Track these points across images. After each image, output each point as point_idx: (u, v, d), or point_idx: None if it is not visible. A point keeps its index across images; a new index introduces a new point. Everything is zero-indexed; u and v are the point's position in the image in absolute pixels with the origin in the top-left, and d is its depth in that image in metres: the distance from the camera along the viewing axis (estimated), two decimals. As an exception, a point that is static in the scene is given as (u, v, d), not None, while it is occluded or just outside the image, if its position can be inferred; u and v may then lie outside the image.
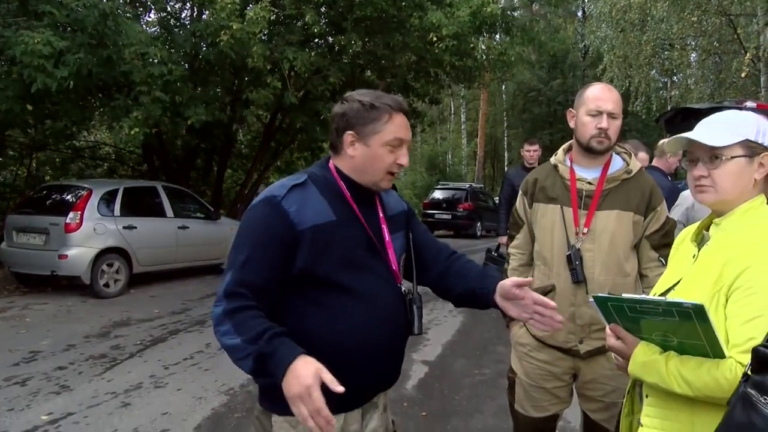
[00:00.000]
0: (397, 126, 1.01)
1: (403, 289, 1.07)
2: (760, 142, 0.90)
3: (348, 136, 1.02)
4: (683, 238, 1.02)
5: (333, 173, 1.04)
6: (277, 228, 0.96)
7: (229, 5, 5.46)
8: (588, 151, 1.48)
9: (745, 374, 0.72)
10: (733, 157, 0.90)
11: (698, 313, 0.78)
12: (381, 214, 1.07)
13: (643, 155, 2.82)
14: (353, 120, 1.01)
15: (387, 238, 1.06)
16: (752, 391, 0.68)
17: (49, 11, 4.70)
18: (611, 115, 1.45)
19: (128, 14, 5.09)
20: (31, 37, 4.43)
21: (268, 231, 0.96)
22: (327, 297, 0.99)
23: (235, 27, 5.42)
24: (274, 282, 0.96)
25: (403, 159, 1.03)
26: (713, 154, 0.90)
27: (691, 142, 0.92)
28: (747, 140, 0.90)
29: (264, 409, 1.04)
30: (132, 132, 5.40)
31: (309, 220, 0.97)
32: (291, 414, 0.96)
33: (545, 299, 1.05)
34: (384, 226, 1.06)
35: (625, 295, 0.86)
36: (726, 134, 0.90)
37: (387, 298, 1.04)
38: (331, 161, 1.06)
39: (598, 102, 1.46)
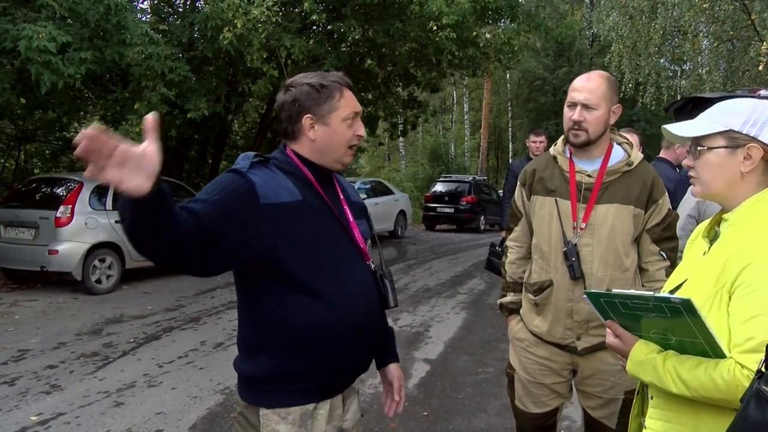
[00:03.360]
0: (349, 100, 1.04)
1: (372, 266, 1.08)
2: (745, 132, 0.85)
3: (306, 120, 1.02)
4: (696, 235, 0.98)
5: (293, 158, 1.04)
6: (240, 194, 0.94)
7: (236, 1, 5.28)
8: (569, 143, 1.47)
9: (758, 371, 0.69)
10: (710, 148, 0.87)
11: (687, 308, 0.75)
12: (342, 197, 1.09)
13: (634, 137, 2.73)
14: (307, 103, 1.02)
15: (351, 220, 1.07)
16: (767, 389, 0.66)
17: (48, 3, 4.53)
18: (586, 107, 1.40)
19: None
20: (35, 31, 4.29)
21: (232, 194, 0.94)
22: (303, 279, 0.98)
23: (239, 25, 5.25)
24: (215, 228, 0.88)
25: (360, 130, 1.06)
26: (696, 145, 0.89)
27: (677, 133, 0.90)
28: (730, 131, 0.85)
29: (248, 403, 1.02)
30: (139, 129, 5.28)
31: (274, 197, 0.96)
32: (281, 406, 0.99)
33: (401, 395, 1.17)
34: (346, 208, 1.08)
35: (615, 291, 0.84)
36: (705, 124, 0.87)
37: (360, 276, 1.04)
38: (287, 148, 1.06)
39: (572, 93, 1.43)
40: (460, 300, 5.13)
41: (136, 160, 0.75)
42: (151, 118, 0.77)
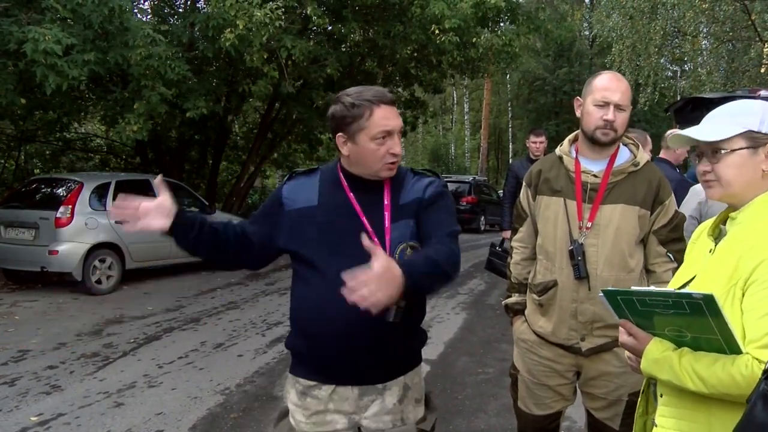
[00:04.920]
0: (379, 119, 1.06)
1: None
2: (765, 132, 0.87)
3: (339, 138, 1.10)
4: (700, 233, 0.99)
5: (337, 167, 1.16)
6: (274, 202, 1.20)
7: (238, 2, 5.26)
8: (593, 142, 1.45)
9: (765, 371, 0.70)
10: (733, 150, 0.88)
11: (709, 303, 0.75)
12: (386, 202, 1.11)
13: (645, 138, 2.70)
14: (339, 121, 1.09)
15: (386, 225, 1.10)
16: None
17: (52, 6, 4.54)
18: (618, 107, 1.40)
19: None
20: (41, 33, 4.30)
21: (270, 201, 1.22)
22: (305, 273, 1.11)
23: (241, 26, 5.24)
24: (257, 235, 1.18)
25: (396, 148, 1.08)
26: (714, 148, 0.89)
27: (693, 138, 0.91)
28: (749, 131, 0.87)
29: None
30: (136, 127, 5.26)
31: (295, 203, 1.15)
32: (293, 373, 1.19)
33: None
34: (386, 213, 1.10)
35: (634, 288, 0.84)
36: (725, 127, 0.88)
37: None
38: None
39: (605, 92, 1.41)
40: (461, 300, 5.13)
41: (155, 208, 1.07)
42: (159, 179, 1.11)
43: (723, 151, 0.88)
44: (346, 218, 1.09)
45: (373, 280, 0.88)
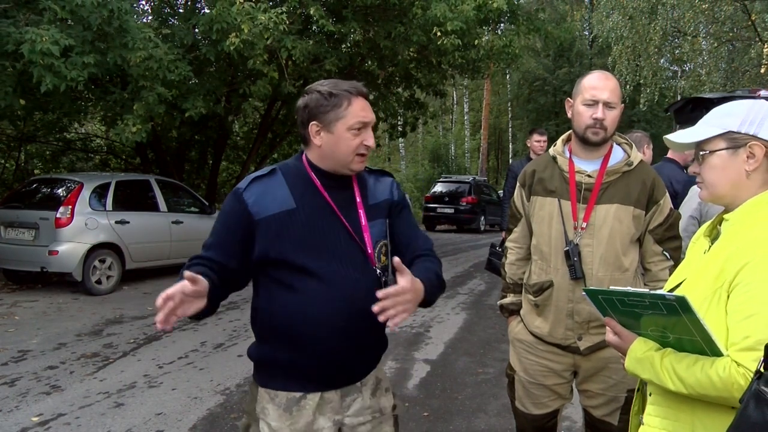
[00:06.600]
0: (357, 109, 1.05)
1: (378, 271, 1.08)
2: (744, 131, 0.86)
3: (312, 126, 1.06)
4: (699, 234, 0.99)
5: (304, 163, 1.10)
6: (237, 216, 1.08)
7: (245, 5, 5.26)
8: (584, 142, 1.46)
9: (757, 371, 0.70)
10: (712, 152, 0.88)
11: (682, 305, 0.76)
12: (359, 200, 1.11)
13: (648, 152, 2.66)
14: (315, 110, 1.06)
15: (363, 223, 1.09)
16: (766, 389, 0.66)
17: (50, 7, 4.55)
18: (607, 105, 1.41)
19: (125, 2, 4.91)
20: (38, 34, 4.31)
21: (230, 218, 1.09)
22: (289, 279, 1.05)
23: (245, 30, 5.24)
24: (234, 262, 1.08)
25: (369, 140, 1.07)
26: (699, 151, 0.90)
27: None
28: (729, 132, 0.87)
29: (253, 379, 1.16)
30: (135, 128, 5.26)
31: (266, 210, 1.06)
32: (270, 387, 1.12)
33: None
34: (361, 211, 1.10)
35: (613, 288, 0.85)
36: (704, 129, 0.89)
37: (354, 280, 1.07)
38: (304, 153, 1.12)
39: (593, 91, 1.41)
40: (461, 300, 5.13)
41: (193, 294, 0.97)
42: (191, 275, 0.97)
43: (703, 153, 0.88)
44: (326, 219, 1.07)
45: (405, 297, 0.95)
